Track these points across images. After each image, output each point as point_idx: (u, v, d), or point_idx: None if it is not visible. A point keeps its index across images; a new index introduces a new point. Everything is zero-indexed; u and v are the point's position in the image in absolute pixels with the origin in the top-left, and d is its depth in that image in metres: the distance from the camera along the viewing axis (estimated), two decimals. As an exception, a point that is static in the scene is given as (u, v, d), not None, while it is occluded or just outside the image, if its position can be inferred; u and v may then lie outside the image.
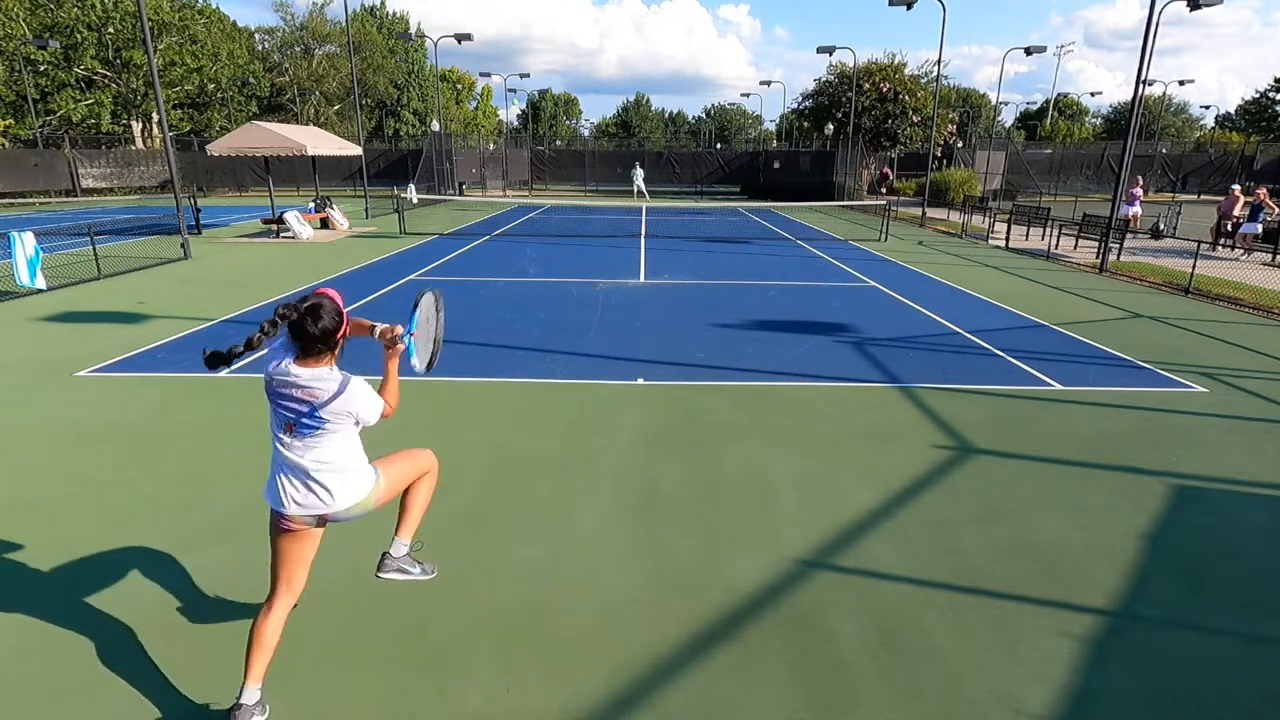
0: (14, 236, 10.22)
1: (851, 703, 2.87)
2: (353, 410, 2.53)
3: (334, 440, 2.56)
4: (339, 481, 2.59)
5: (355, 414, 2.55)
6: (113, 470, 4.84)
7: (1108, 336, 8.85)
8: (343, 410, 2.51)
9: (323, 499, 2.57)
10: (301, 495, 2.56)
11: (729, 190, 40.38)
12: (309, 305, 2.41)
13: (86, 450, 5.15)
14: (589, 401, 6.30)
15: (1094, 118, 78.47)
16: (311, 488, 2.56)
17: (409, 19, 60.37)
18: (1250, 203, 16.62)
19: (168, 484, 4.63)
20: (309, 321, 2.40)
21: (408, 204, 23.54)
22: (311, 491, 2.56)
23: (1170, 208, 20.71)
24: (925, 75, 37.00)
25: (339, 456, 2.59)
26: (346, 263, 14.09)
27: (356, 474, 2.65)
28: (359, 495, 2.66)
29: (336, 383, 2.48)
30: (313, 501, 2.57)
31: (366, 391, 2.56)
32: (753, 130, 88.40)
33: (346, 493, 2.62)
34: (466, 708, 2.81)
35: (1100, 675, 3.03)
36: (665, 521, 4.25)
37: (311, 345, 2.44)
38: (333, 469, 2.57)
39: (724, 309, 10.16)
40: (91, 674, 2.97)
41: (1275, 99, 61.77)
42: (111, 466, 4.89)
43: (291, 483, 2.56)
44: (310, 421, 2.49)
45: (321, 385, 2.47)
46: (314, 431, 2.51)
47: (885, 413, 6.11)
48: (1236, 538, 4.18)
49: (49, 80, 35.61)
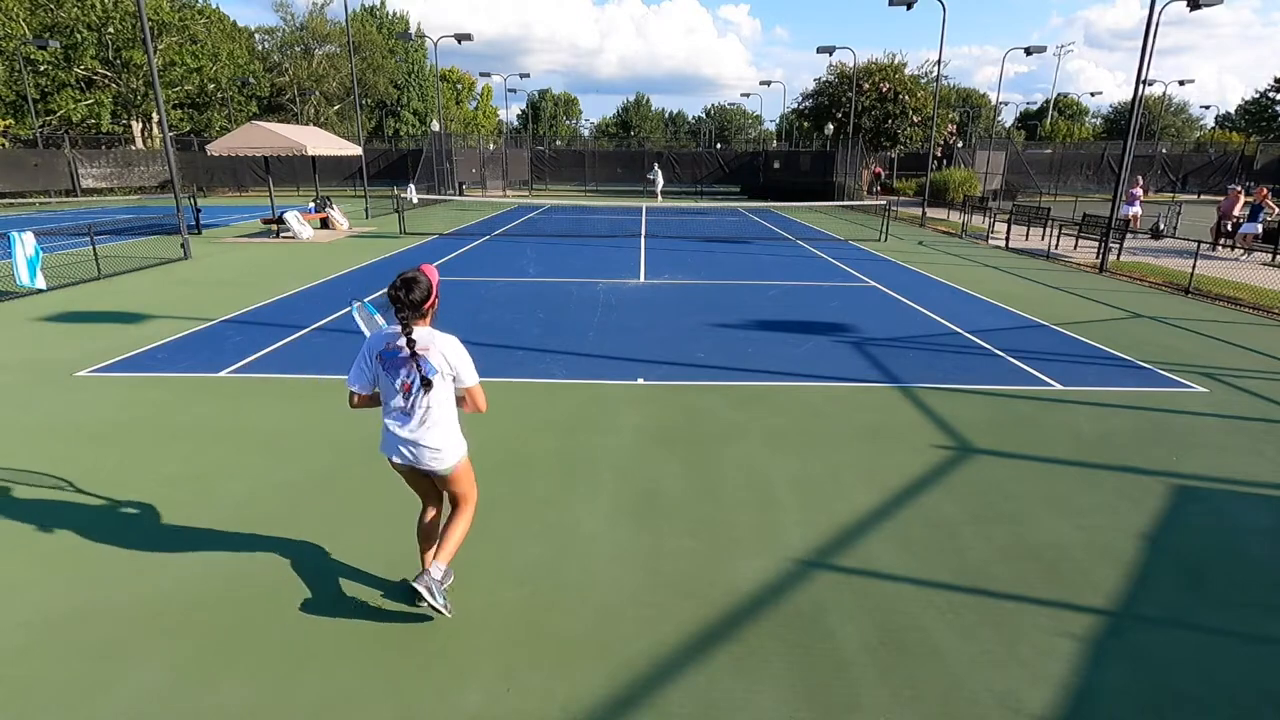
0: (14, 236, 10.22)
1: (851, 703, 2.87)
2: (452, 361, 3.02)
3: (439, 398, 3.05)
4: (440, 439, 3.10)
5: (455, 367, 3.03)
6: (113, 470, 4.84)
7: (1108, 336, 8.85)
8: (445, 361, 3.01)
9: (421, 455, 3.10)
10: (411, 449, 3.10)
11: (729, 190, 40.36)
12: (406, 279, 2.97)
13: (86, 450, 5.15)
14: (589, 401, 6.31)
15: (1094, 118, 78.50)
16: (419, 446, 3.08)
17: (409, 19, 60.42)
18: (1250, 203, 16.62)
19: (168, 484, 4.63)
20: (404, 292, 2.94)
21: (408, 204, 23.54)
22: (417, 448, 3.09)
23: (1170, 208, 20.71)
24: (925, 75, 37.06)
25: (443, 418, 3.10)
26: (346, 263, 14.09)
27: (453, 437, 3.17)
28: (450, 459, 3.16)
29: (440, 338, 3.04)
30: (414, 456, 3.11)
31: (464, 350, 3.07)
32: (753, 130, 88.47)
33: (444, 453, 3.13)
34: (466, 708, 2.81)
35: (1100, 675, 3.03)
36: (665, 521, 4.25)
37: (408, 310, 2.95)
38: (437, 427, 3.09)
39: (724, 309, 10.16)
40: (92, 674, 2.97)
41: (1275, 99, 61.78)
42: (112, 467, 4.89)
43: (403, 439, 3.09)
44: (424, 370, 2.95)
45: (426, 335, 3.01)
46: (430, 375, 2.96)
47: (885, 413, 6.11)
48: (1236, 538, 4.18)
49: (49, 80, 35.61)
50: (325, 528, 4.12)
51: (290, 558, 3.82)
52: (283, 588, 3.56)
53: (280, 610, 3.39)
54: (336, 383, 6.72)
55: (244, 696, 2.84)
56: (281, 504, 4.40)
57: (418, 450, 3.09)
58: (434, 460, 3.11)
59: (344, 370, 6.95)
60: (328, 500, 4.45)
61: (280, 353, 7.69)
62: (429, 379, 2.95)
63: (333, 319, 9.25)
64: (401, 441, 3.09)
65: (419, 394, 3.01)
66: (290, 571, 3.70)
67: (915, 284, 12.42)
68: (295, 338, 8.30)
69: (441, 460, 3.13)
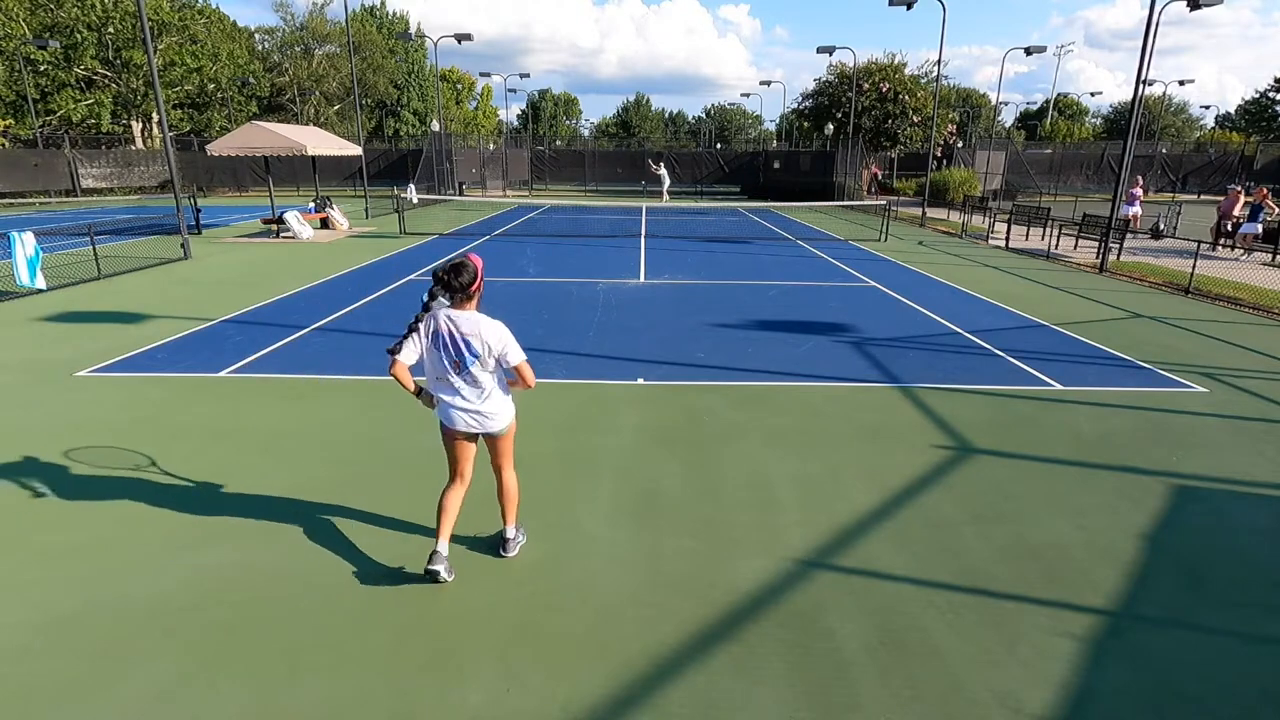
0: (14, 236, 10.23)
1: (851, 703, 2.87)
2: (499, 343, 3.34)
3: (488, 373, 3.41)
4: (495, 406, 3.50)
5: (503, 348, 3.35)
6: (113, 470, 4.83)
7: (1108, 336, 8.85)
8: (488, 340, 3.32)
9: (485, 422, 3.50)
10: (475, 418, 3.48)
11: (729, 190, 40.35)
12: (453, 265, 3.29)
13: (87, 450, 5.15)
14: (589, 401, 6.31)
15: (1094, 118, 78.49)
16: (481, 412, 3.47)
17: (409, 19, 60.39)
18: (1250, 203, 16.62)
19: (168, 484, 4.63)
20: (452, 277, 3.28)
21: (408, 204, 23.54)
22: (480, 416, 3.48)
23: (1170, 208, 20.70)
24: (925, 75, 37.06)
25: (495, 388, 3.48)
26: (346, 263, 14.09)
27: (506, 403, 3.57)
28: (505, 421, 3.56)
29: (485, 321, 3.36)
30: (478, 422, 3.49)
31: (508, 332, 3.39)
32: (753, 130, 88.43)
33: (501, 416, 3.53)
34: (466, 708, 2.81)
35: (1100, 675, 3.03)
36: (665, 521, 4.25)
37: (457, 293, 3.30)
38: (491, 397, 3.48)
39: (724, 309, 10.16)
40: (92, 674, 2.97)
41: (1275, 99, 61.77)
42: (112, 466, 4.89)
43: (462, 409, 3.46)
44: (469, 354, 3.32)
45: (473, 321, 3.33)
46: (473, 362, 3.33)
47: (885, 413, 6.11)
48: (1236, 538, 4.18)
49: (49, 80, 35.60)
50: (325, 527, 4.12)
51: (290, 558, 3.82)
52: (283, 587, 3.56)
53: (280, 610, 3.39)
54: (337, 383, 6.73)
55: (244, 696, 2.84)
56: (281, 504, 4.39)
57: (481, 418, 3.48)
58: (494, 423, 3.52)
59: (344, 370, 7.00)
60: (327, 500, 4.44)
61: (280, 353, 7.69)
62: (473, 359, 3.32)
63: (333, 319, 9.24)
64: (464, 411, 3.47)
65: (468, 371, 3.37)
66: (290, 571, 3.70)
67: (915, 284, 12.42)
68: (295, 338, 8.30)
69: (500, 422, 3.53)
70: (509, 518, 3.83)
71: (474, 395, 3.44)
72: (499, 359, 3.38)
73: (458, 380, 3.40)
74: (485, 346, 3.32)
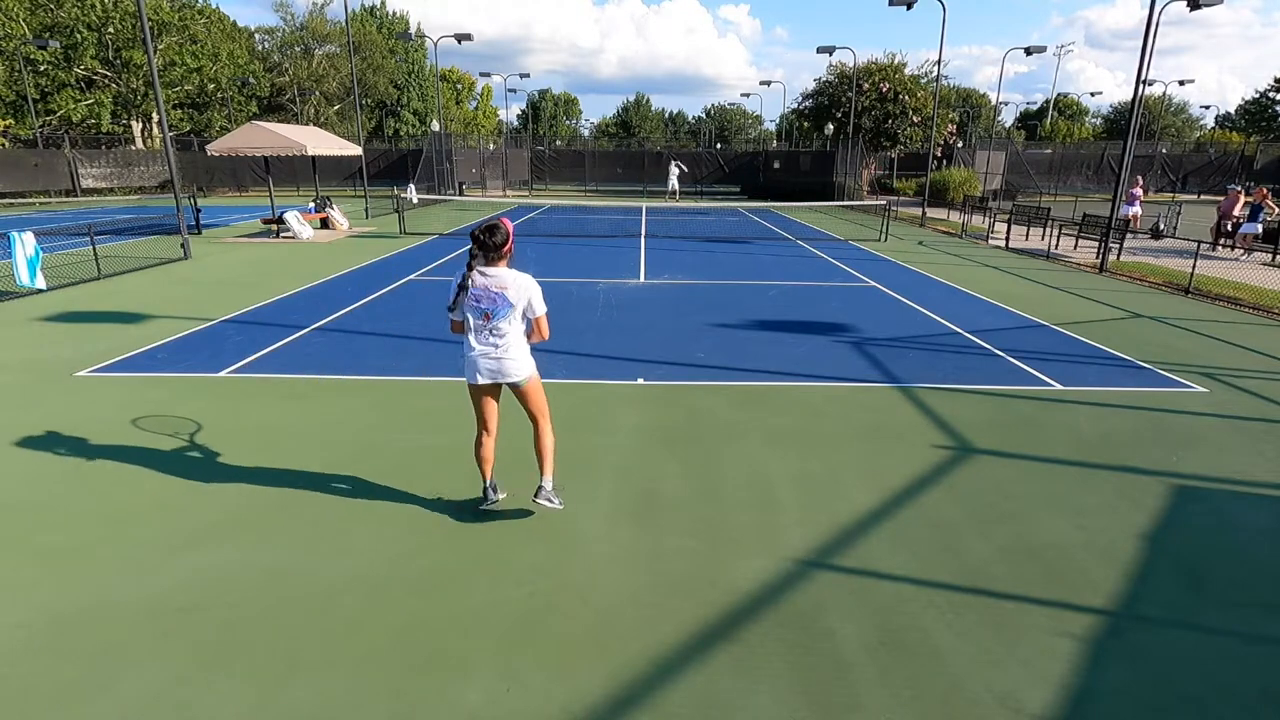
0: (14, 236, 10.22)
1: (851, 703, 2.87)
2: (526, 294, 3.75)
3: (514, 325, 3.81)
4: (517, 355, 3.86)
5: (529, 298, 3.77)
6: (113, 470, 4.84)
7: (1108, 336, 8.85)
8: (520, 294, 3.73)
9: (504, 369, 3.85)
10: (492, 364, 3.84)
11: (729, 190, 40.34)
12: (488, 226, 3.71)
13: (86, 450, 5.15)
14: (589, 401, 6.31)
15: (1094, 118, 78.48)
16: (501, 360, 3.83)
17: (409, 19, 60.37)
18: (1250, 203, 16.62)
19: (168, 484, 4.63)
20: (486, 236, 3.70)
21: (408, 204, 23.53)
22: (499, 362, 3.83)
23: (1170, 208, 20.70)
24: (925, 75, 37.02)
25: (516, 338, 3.85)
26: (347, 263, 14.09)
27: (526, 355, 3.93)
28: (525, 370, 3.91)
29: (515, 275, 3.78)
30: (497, 369, 3.85)
31: (536, 285, 3.82)
32: (753, 130, 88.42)
33: (520, 365, 3.87)
34: (466, 708, 2.81)
35: (1100, 675, 3.03)
36: (665, 521, 4.25)
37: (491, 251, 3.72)
38: (513, 347, 3.84)
39: (724, 309, 10.16)
40: (91, 674, 2.97)
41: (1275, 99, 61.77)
42: (112, 466, 4.89)
43: (485, 358, 3.83)
44: (501, 306, 3.71)
45: (505, 276, 3.75)
46: (503, 314, 3.73)
47: (885, 413, 6.11)
48: (1236, 538, 4.18)
49: (49, 80, 35.60)
50: (324, 527, 4.12)
51: (290, 557, 3.82)
52: (282, 587, 3.56)
53: (279, 610, 3.38)
54: (337, 383, 6.73)
55: (243, 697, 2.84)
56: (281, 504, 4.39)
57: (500, 364, 3.82)
58: (515, 372, 3.85)
59: (344, 370, 7.01)
60: (327, 500, 4.44)
61: (280, 353, 7.69)
62: (505, 310, 3.71)
63: (333, 319, 9.24)
64: (485, 361, 3.82)
65: (497, 321, 3.74)
66: (290, 571, 3.69)
67: (915, 284, 12.42)
68: (295, 338, 8.30)
69: (521, 371, 3.87)
70: (544, 469, 4.10)
71: (496, 345, 3.79)
72: (525, 310, 3.78)
73: (485, 331, 3.78)
74: (516, 297, 3.71)
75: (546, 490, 4.09)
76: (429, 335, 8.43)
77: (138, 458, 5.03)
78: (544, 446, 4.09)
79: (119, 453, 5.11)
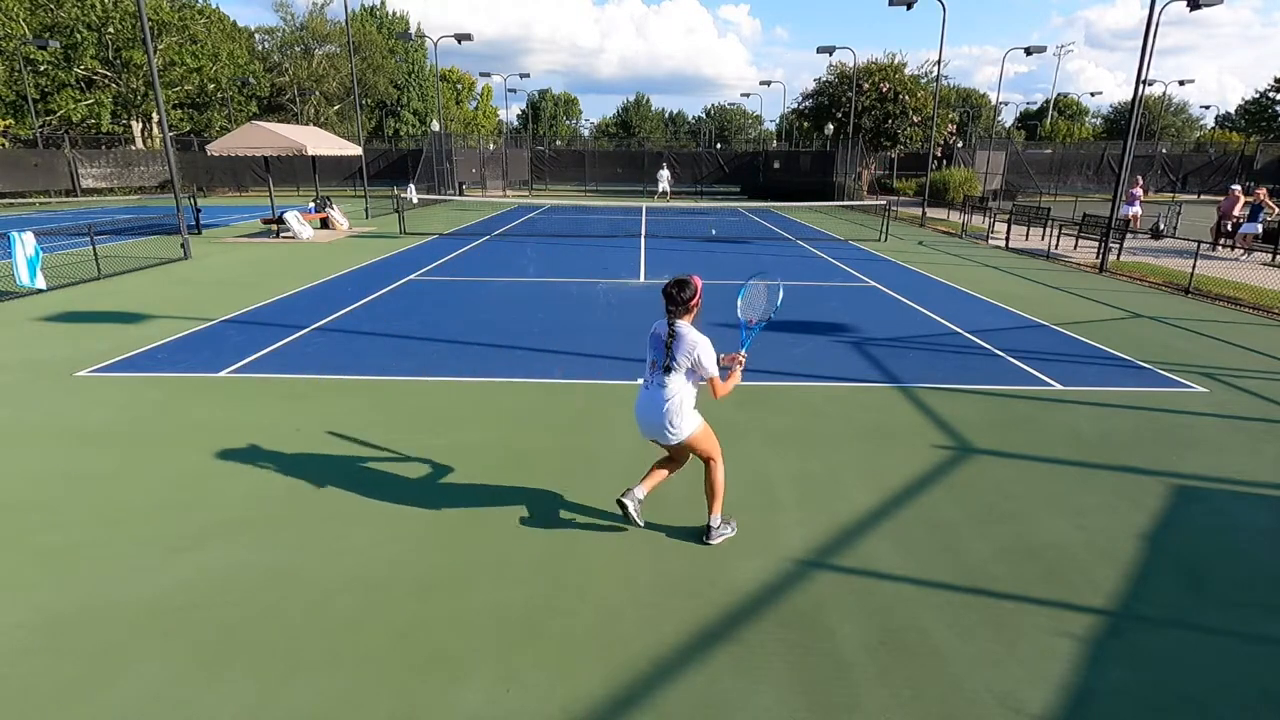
0: (14, 236, 10.23)
1: (851, 703, 2.87)
2: (695, 354, 3.64)
3: (679, 379, 3.70)
4: (674, 412, 3.72)
5: (698, 359, 3.64)
6: (113, 470, 4.84)
7: (1108, 336, 8.85)
8: (689, 352, 3.64)
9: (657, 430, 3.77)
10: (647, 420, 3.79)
11: (729, 190, 40.37)
12: (679, 280, 3.71)
13: (86, 450, 5.16)
14: (589, 401, 6.30)
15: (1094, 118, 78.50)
16: (658, 416, 3.73)
17: (409, 19, 60.39)
18: (1250, 203, 16.62)
19: (168, 484, 4.63)
20: (676, 290, 3.69)
21: (408, 204, 23.54)
22: (655, 423, 3.75)
23: (1170, 208, 20.70)
24: (925, 75, 37.01)
25: (679, 393, 3.72)
26: (347, 263, 14.09)
27: (687, 416, 3.77)
28: (681, 435, 3.78)
29: (691, 333, 3.70)
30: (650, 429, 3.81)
31: (710, 349, 3.70)
32: (753, 130, 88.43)
33: (676, 429, 3.75)
34: (467, 708, 2.81)
35: (1100, 675, 3.03)
36: (665, 521, 4.24)
37: (678, 305, 3.68)
38: (674, 402, 3.71)
39: (724, 309, 10.13)
40: (91, 674, 2.97)
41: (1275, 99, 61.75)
42: (112, 466, 4.89)
43: (644, 411, 3.79)
44: (674, 358, 3.66)
45: (681, 331, 3.68)
46: (674, 366, 3.67)
47: (885, 413, 6.11)
48: (1236, 538, 4.18)
49: (49, 80, 35.59)
50: (324, 527, 4.11)
51: (290, 557, 3.82)
52: (282, 587, 3.56)
53: (280, 610, 3.38)
54: (337, 383, 6.73)
55: (243, 697, 2.84)
56: (281, 504, 4.39)
57: (655, 426, 3.75)
58: (668, 434, 3.75)
59: (344, 370, 7.01)
60: (327, 500, 4.44)
61: (280, 353, 7.69)
62: (670, 365, 3.66)
63: (333, 319, 9.24)
64: (644, 413, 3.80)
65: (660, 373, 3.70)
66: (290, 571, 3.69)
67: (915, 284, 12.42)
68: (295, 338, 8.30)
69: (676, 435, 3.76)
70: (712, 508, 4.02)
71: (659, 397, 3.72)
72: (693, 365, 3.68)
73: (654, 379, 3.75)
74: (686, 354, 3.65)
75: (713, 529, 4.01)
76: (429, 335, 8.43)
77: (137, 458, 5.03)
78: (712, 486, 3.98)
79: (119, 453, 5.11)
